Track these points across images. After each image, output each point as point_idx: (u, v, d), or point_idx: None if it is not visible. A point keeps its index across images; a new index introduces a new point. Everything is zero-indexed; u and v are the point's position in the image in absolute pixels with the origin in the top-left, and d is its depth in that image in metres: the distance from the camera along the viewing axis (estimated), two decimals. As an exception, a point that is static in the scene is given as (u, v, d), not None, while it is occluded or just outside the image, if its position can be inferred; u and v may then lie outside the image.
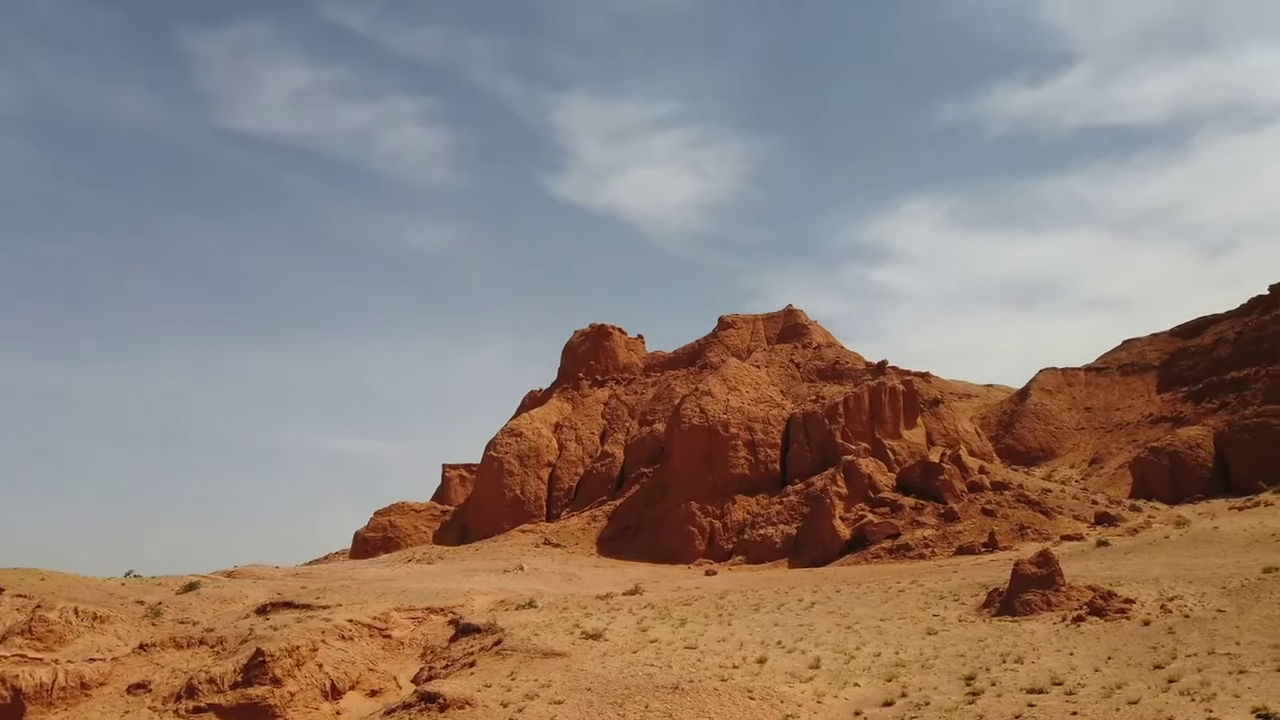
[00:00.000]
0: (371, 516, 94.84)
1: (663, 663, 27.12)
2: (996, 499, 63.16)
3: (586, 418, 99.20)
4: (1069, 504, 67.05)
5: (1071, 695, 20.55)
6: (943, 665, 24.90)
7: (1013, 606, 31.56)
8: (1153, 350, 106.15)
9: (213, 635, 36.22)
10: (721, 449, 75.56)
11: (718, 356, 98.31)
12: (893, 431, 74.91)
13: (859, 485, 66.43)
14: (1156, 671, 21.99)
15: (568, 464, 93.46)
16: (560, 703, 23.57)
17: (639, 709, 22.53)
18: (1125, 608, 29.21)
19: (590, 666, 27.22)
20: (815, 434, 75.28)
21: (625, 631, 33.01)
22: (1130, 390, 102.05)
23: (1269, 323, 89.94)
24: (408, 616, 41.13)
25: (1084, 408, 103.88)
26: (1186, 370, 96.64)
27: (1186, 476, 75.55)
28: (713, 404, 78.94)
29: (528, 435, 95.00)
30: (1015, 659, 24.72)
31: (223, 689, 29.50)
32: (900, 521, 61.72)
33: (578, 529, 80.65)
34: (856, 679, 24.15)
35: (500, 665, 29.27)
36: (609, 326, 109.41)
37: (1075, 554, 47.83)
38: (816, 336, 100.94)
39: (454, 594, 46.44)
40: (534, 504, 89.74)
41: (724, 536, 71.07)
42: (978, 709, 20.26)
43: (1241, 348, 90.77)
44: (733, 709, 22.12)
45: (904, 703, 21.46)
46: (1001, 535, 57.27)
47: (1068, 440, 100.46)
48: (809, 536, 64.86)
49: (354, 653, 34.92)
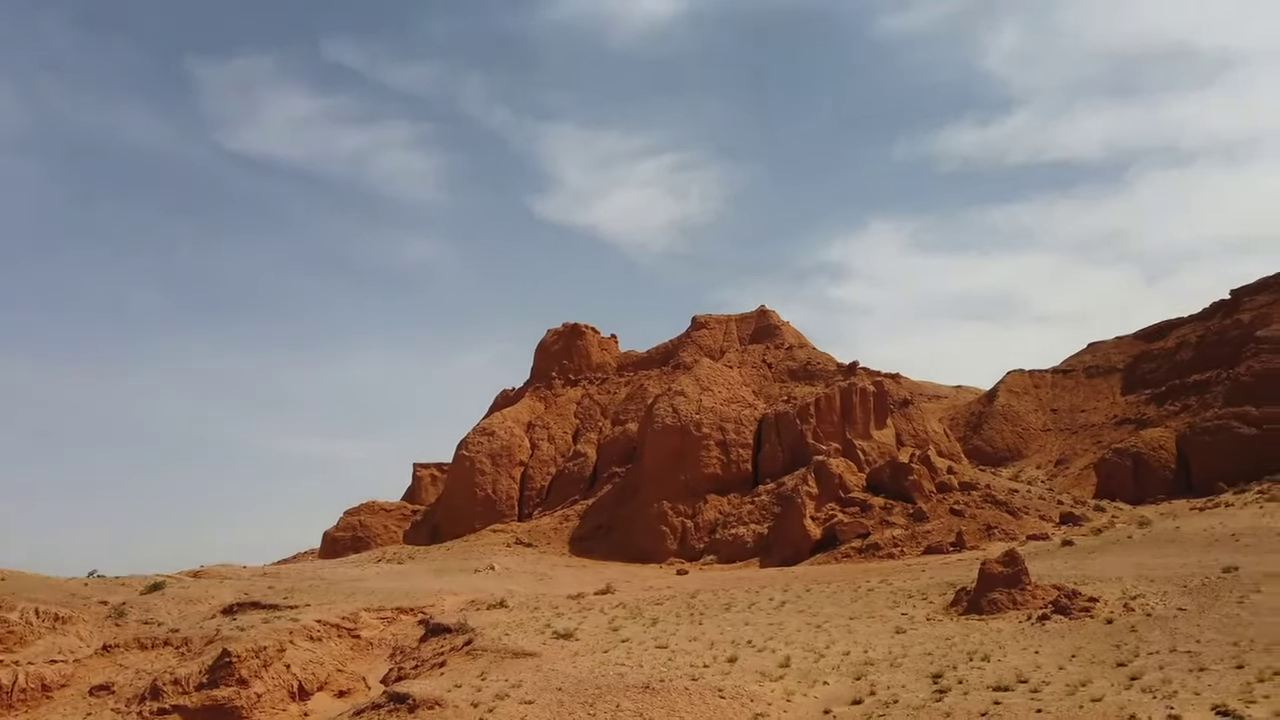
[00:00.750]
0: (341, 516, 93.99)
1: (634, 662, 27.16)
2: (964, 499, 63.90)
3: (559, 417, 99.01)
4: (1035, 504, 67.99)
5: (1036, 693, 20.85)
6: (911, 664, 25.16)
7: (980, 605, 31.94)
8: (1117, 353, 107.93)
9: (178, 636, 35.72)
10: (694, 449, 75.74)
11: (691, 356, 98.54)
12: (863, 432, 75.52)
13: (829, 485, 66.90)
14: (1119, 669, 22.35)
15: (540, 463, 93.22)
16: (531, 702, 23.53)
17: (610, 708, 22.55)
18: (1089, 606, 29.67)
19: (561, 666, 27.20)
20: (787, 434, 75.69)
21: (597, 631, 33.01)
22: (1095, 392, 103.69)
23: (1230, 326, 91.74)
24: (377, 617, 40.83)
25: (1050, 409, 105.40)
26: (1150, 373, 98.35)
27: (1149, 477, 76.89)
28: (685, 404, 79.11)
29: (500, 434, 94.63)
30: (982, 657, 25.03)
31: (188, 690, 29.12)
32: (870, 521, 62.24)
33: (549, 528, 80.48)
34: (826, 677, 24.33)
35: (471, 665, 29.15)
36: (582, 326, 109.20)
37: (1041, 553, 48.49)
38: (788, 337, 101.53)
39: (424, 594, 46.17)
40: (506, 503, 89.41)
41: (696, 536, 71.26)
42: (945, 707, 20.50)
43: (1203, 351, 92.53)
44: (703, 708, 22.20)
45: (872, 701, 21.66)
46: (969, 535, 57.94)
47: (1034, 441, 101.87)
48: (780, 536, 65.22)
49: (322, 653, 34.61)
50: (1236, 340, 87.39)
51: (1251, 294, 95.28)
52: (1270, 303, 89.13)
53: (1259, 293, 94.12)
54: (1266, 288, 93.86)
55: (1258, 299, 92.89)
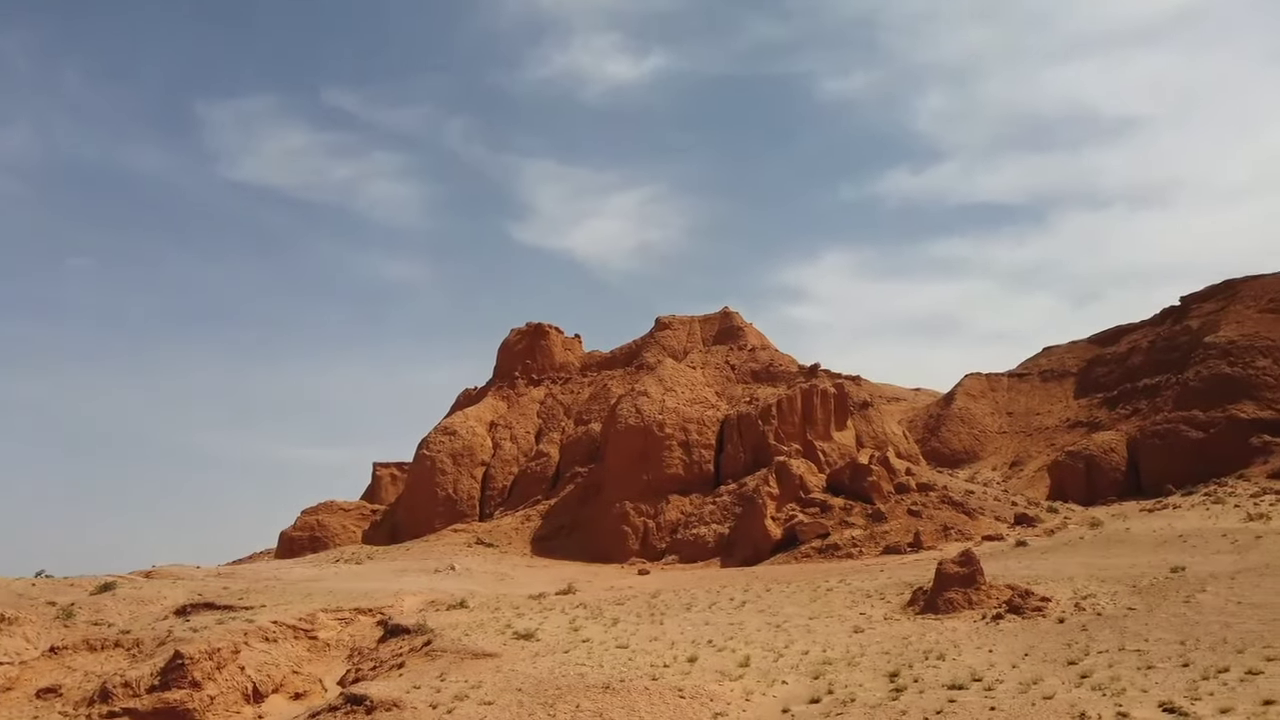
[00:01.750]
0: (299, 516, 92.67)
1: (594, 662, 27.15)
2: (922, 500, 64.79)
3: (522, 416, 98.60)
4: (990, 505, 69.19)
5: (990, 691, 21.21)
6: (868, 662, 25.45)
7: (936, 605, 32.41)
8: (1071, 357, 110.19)
9: (128, 637, 34.99)
10: (656, 449, 75.90)
11: (654, 357, 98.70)
12: (824, 433, 76.23)
13: (790, 486, 67.44)
14: (1070, 667, 22.81)
15: (502, 463, 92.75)
16: (490, 703, 23.41)
17: (570, 709, 22.52)
18: (1042, 606, 30.26)
19: (521, 667, 27.10)
20: (749, 435, 76.15)
21: (557, 631, 32.94)
22: (1049, 396, 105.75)
23: (1179, 333, 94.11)
24: (335, 617, 40.33)
25: (1006, 412, 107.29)
26: (1102, 377, 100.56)
27: (1101, 479, 78.64)
28: (649, 404, 79.24)
29: (462, 434, 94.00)
30: (937, 656, 25.40)
31: (139, 693, 28.54)
32: (830, 521, 62.85)
33: (511, 528, 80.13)
34: (785, 677, 24.53)
35: (430, 666, 28.92)
36: (546, 326, 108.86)
37: (996, 553, 49.32)
38: (751, 339, 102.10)
39: (383, 594, 45.71)
40: (467, 503, 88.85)
41: (657, 536, 71.41)
42: (901, 705, 20.77)
43: (1154, 356, 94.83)
44: (663, 708, 22.26)
45: (830, 699, 21.87)
46: (926, 535, 58.76)
47: (990, 443, 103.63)
48: (741, 536, 65.60)
49: (278, 655, 34.10)
50: (1185, 346, 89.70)
51: (1200, 301, 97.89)
52: (1218, 310, 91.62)
53: (1207, 300, 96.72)
54: (1214, 295, 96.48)
55: (1205, 306, 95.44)
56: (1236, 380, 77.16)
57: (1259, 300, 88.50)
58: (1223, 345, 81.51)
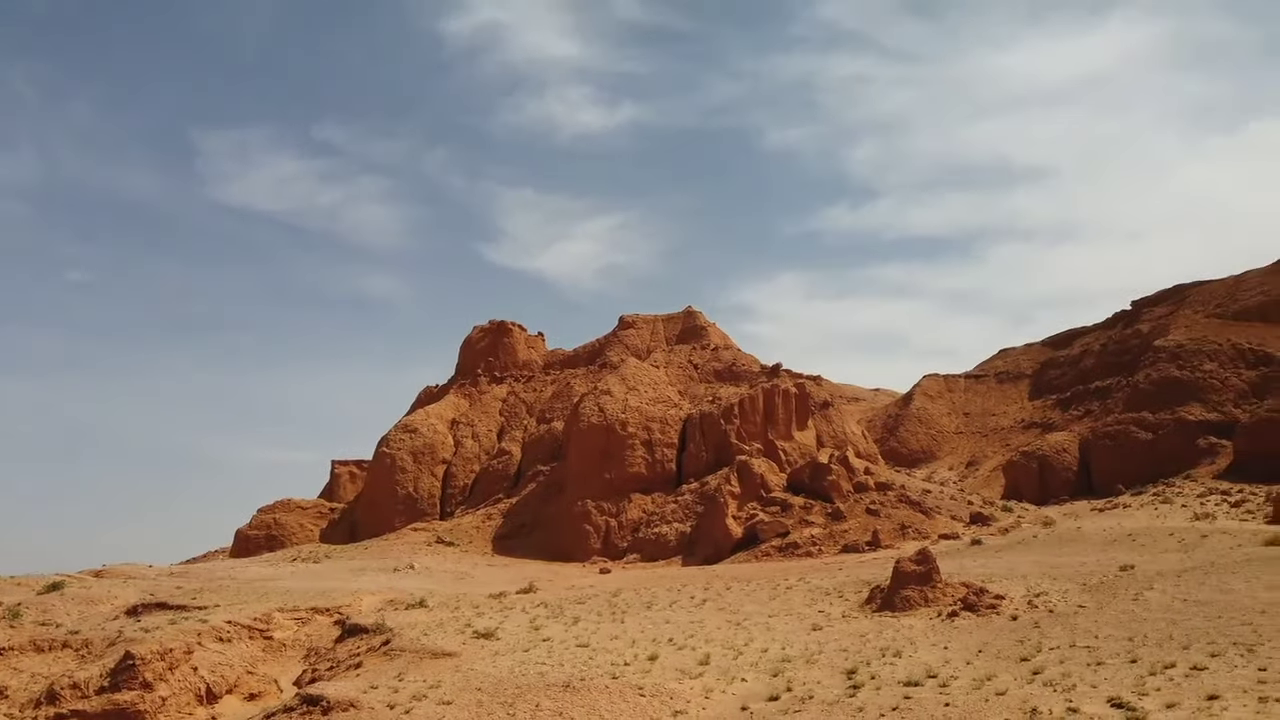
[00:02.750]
0: (255, 514, 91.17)
1: (555, 661, 27.11)
2: (880, 499, 65.58)
3: (484, 414, 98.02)
4: (947, 504, 70.28)
5: (945, 687, 21.55)
6: (826, 660, 25.73)
7: (893, 602, 32.85)
8: (1026, 359, 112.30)
9: (77, 638, 34.18)
10: (619, 448, 75.92)
11: (617, 356, 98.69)
12: (785, 433, 76.83)
13: (751, 485, 67.87)
14: (1023, 664, 23.26)
15: (463, 461, 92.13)
16: (449, 703, 23.27)
17: (529, 708, 22.47)
18: (996, 603, 30.81)
19: (481, 666, 26.97)
20: (711, 434, 76.49)
21: (518, 630, 32.83)
22: (1005, 397, 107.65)
23: (1130, 336, 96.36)
24: (291, 617, 39.77)
25: (963, 413, 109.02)
26: (1056, 379, 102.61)
27: (1053, 479, 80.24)
28: (611, 403, 79.23)
29: (423, 431, 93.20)
30: (894, 653, 25.75)
31: (87, 694, 27.89)
32: (790, 520, 63.37)
33: (471, 527, 79.64)
34: (744, 674, 24.70)
35: (388, 666, 28.66)
36: (509, 323, 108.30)
37: (952, 552, 50.10)
38: (714, 338, 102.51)
39: (341, 594, 45.19)
40: (427, 501, 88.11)
41: (619, 535, 71.45)
42: (858, 702, 21.03)
43: (1105, 359, 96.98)
44: (623, 706, 22.30)
45: (789, 697, 22.07)
46: (884, 534, 59.50)
47: (947, 443, 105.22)
48: (702, 535, 65.88)
49: (232, 655, 33.54)
50: (1136, 349, 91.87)
51: (1150, 305, 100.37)
52: (1167, 314, 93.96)
53: (1157, 304, 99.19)
54: (1164, 300, 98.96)
55: (1156, 310, 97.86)
56: (1184, 383, 79.18)
57: (1206, 305, 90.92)
58: (1171, 349, 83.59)
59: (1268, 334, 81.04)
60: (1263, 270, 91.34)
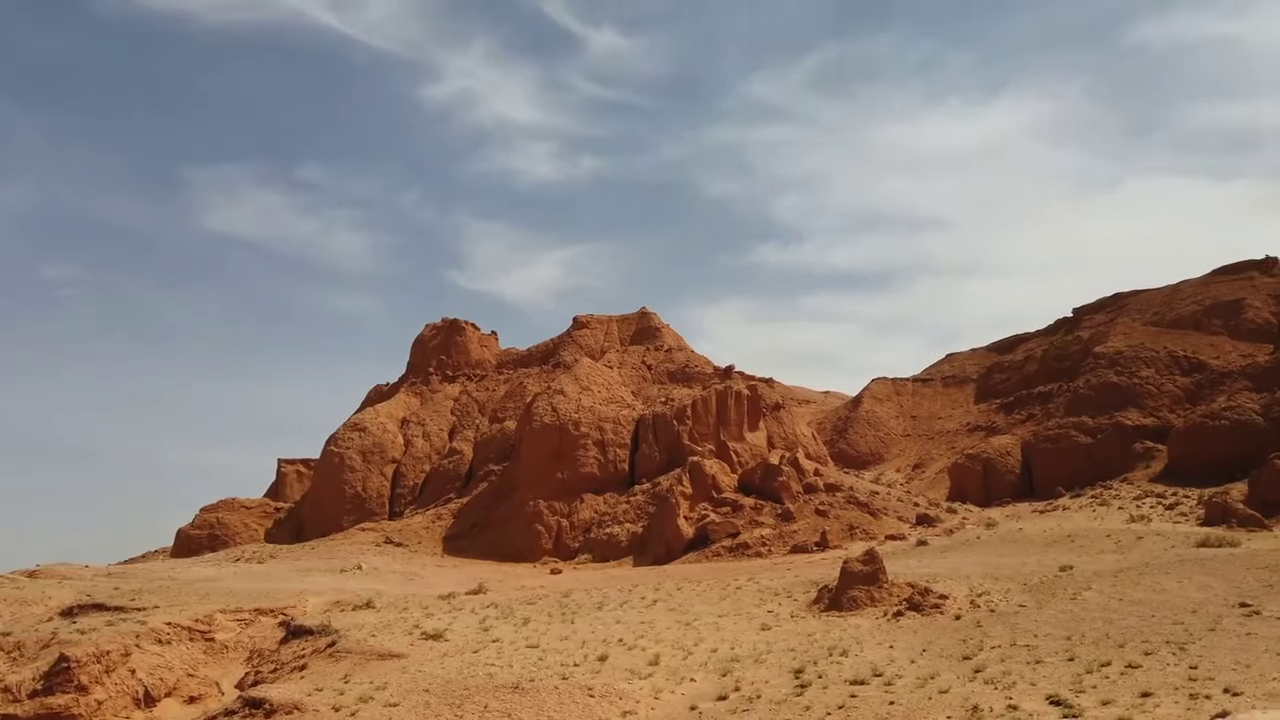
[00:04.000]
0: (197, 513, 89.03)
1: (504, 662, 26.98)
2: (829, 500, 66.42)
3: (435, 413, 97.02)
4: (894, 505, 71.42)
5: (890, 686, 21.93)
6: (774, 659, 26.00)
7: (840, 602, 33.30)
8: (972, 364, 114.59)
9: (9, 640, 33.10)
10: (571, 448, 75.75)
11: (571, 356, 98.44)
12: (737, 434, 77.37)
13: (703, 485, 68.24)
14: (965, 662, 23.76)
15: (414, 460, 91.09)
16: (396, 705, 23.04)
17: (478, 709, 22.34)
18: (940, 603, 31.42)
19: (429, 667, 26.73)
20: (664, 435, 76.73)
21: (467, 631, 32.60)
22: (951, 400, 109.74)
23: (1071, 342, 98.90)
24: (234, 618, 38.99)
25: (910, 416, 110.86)
26: (1000, 383, 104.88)
27: (997, 481, 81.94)
28: (565, 403, 79.04)
29: (372, 430, 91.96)
30: (841, 652, 26.12)
31: (19, 698, 27.05)
32: (740, 521, 63.84)
33: (421, 527, 78.78)
34: (693, 674, 24.85)
35: (333, 668, 28.26)
36: (461, 322, 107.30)
37: (898, 552, 50.93)
38: (669, 339, 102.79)
39: (286, 594, 44.40)
40: (376, 501, 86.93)
41: (571, 535, 71.30)
42: (805, 700, 21.30)
43: (1047, 364, 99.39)
44: (572, 707, 22.28)
45: (737, 696, 22.27)
46: (833, 535, 60.27)
47: (895, 446, 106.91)
48: (654, 535, 66.06)
49: (172, 657, 32.79)
50: (1077, 355, 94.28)
51: (1091, 312, 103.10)
52: (1107, 321, 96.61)
53: (1098, 311, 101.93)
54: (1104, 307, 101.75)
55: (1096, 317, 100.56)
56: (1122, 389, 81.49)
57: (1144, 313, 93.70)
58: (1110, 355, 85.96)
59: (1201, 342, 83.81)
60: (1197, 280, 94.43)
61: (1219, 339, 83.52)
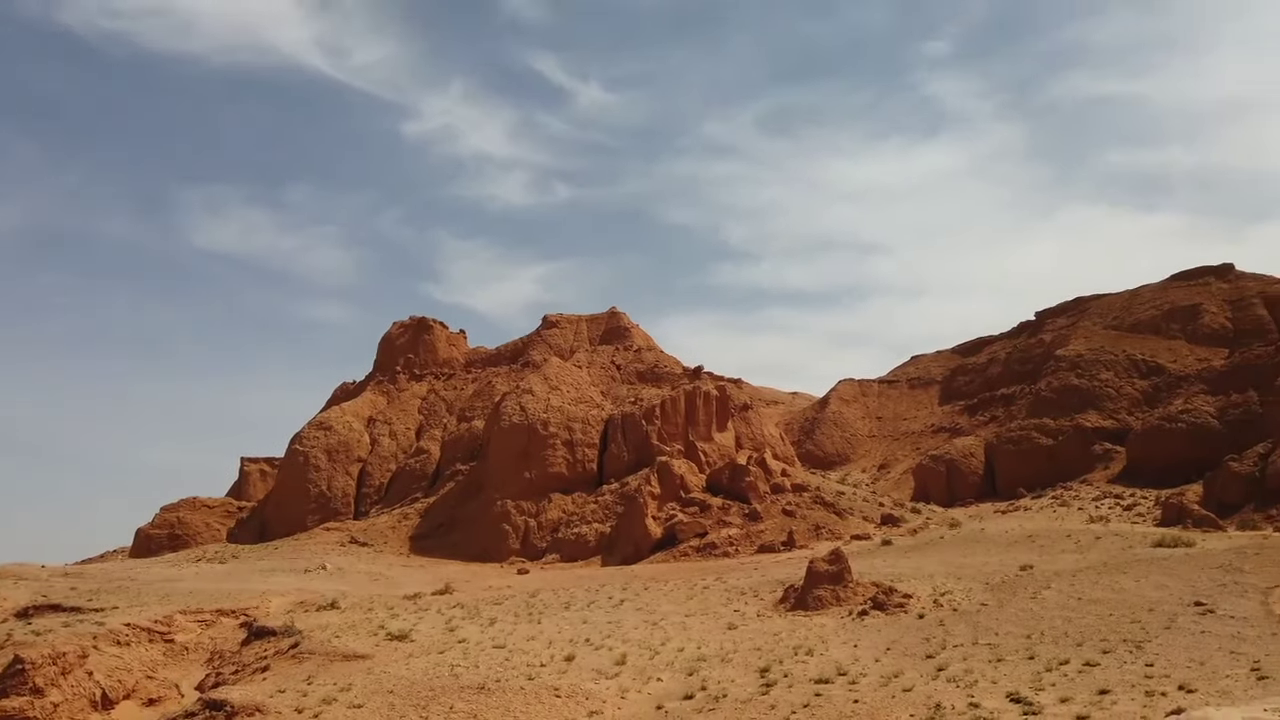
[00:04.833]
0: (157, 513, 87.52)
1: (470, 663, 26.85)
2: (796, 500, 66.87)
3: (402, 412, 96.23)
4: (859, 506, 72.06)
5: (854, 684, 22.15)
6: (741, 659, 26.14)
7: (806, 602, 33.57)
8: (937, 366, 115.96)
9: (-41, 643, 32.33)
10: (539, 447, 75.53)
11: (540, 355, 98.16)
12: (705, 434, 77.61)
13: (671, 485, 68.37)
14: (928, 661, 24.06)
15: (380, 459, 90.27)
16: (360, 706, 22.84)
17: (443, 710, 22.21)
18: (904, 602, 31.79)
19: (394, 668, 26.53)
20: (632, 435, 76.77)
21: (432, 632, 32.40)
22: (916, 402, 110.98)
23: (1033, 345, 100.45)
24: (194, 619, 38.41)
25: (876, 417, 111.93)
26: (964, 385, 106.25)
27: (960, 482, 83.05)
28: (533, 402, 78.79)
29: (337, 429, 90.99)
30: (806, 651, 26.33)
31: (-30, 703, 26.38)
32: (708, 521, 64.06)
33: (387, 527, 78.10)
34: (660, 674, 24.90)
35: (296, 669, 27.94)
36: (430, 320, 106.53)
37: (863, 552, 51.42)
38: (638, 339, 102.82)
39: (248, 595, 43.84)
40: (341, 501, 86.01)
41: (539, 535, 71.07)
42: (770, 699, 21.44)
43: (1010, 367, 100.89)
44: (539, 707, 22.23)
45: (703, 695, 22.36)
46: (799, 534, 60.70)
47: (861, 446, 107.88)
48: (622, 535, 66.07)
49: (130, 659, 32.20)
50: (1039, 358, 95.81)
51: (1053, 316, 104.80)
52: (1069, 325, 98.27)
53: (1059, 315, 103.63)
54: (1065, 311, 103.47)
55: (1058, 321, 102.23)
56: (1083, 391, 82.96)
57: (1104, 317, 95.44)
58: (1071, 359, 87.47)
59: (1159, 346, 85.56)
60: (1156, 286, 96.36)
61: (1176, 343, 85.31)
